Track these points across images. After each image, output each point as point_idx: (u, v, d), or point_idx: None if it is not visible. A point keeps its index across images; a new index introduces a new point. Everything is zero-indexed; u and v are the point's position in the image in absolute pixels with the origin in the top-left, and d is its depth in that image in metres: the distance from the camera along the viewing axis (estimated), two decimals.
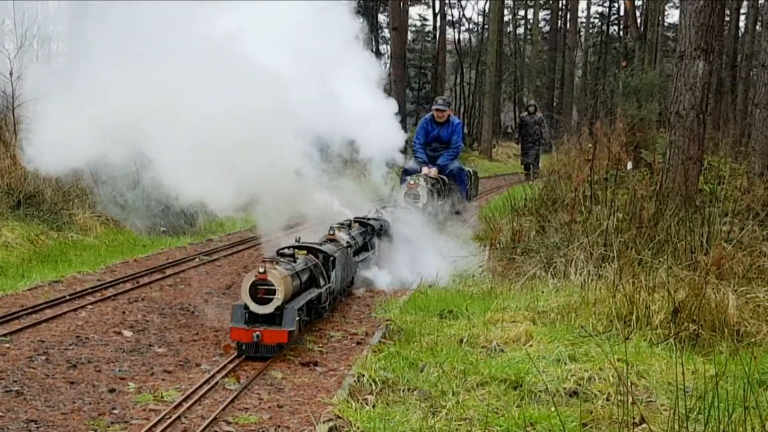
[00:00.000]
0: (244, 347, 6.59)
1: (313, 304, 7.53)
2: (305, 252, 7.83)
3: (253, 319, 6.67)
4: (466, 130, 44.50)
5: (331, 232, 8.79)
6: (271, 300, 6.63)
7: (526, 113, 27.10)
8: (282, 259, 7.19)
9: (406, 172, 15.34)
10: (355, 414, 5.27)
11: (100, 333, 7.33)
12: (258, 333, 6.52)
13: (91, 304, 8.33)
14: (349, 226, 9.65)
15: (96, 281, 9.33)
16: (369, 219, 10.51)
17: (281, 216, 8.79)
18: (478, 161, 32.01)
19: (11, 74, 14.18)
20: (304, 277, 7.43)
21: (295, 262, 7.31)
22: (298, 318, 6.75)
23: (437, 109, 15.79)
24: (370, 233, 10.30)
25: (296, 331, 6.76)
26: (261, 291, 6.62)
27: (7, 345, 6.75)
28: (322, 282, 7.76)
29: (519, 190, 13.28)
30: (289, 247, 7.66)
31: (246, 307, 6.68)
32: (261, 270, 6.64)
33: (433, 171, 15.00)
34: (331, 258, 8.01)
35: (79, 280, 9.39)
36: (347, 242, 8.91)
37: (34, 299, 8.30)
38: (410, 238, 11.09)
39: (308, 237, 8.76)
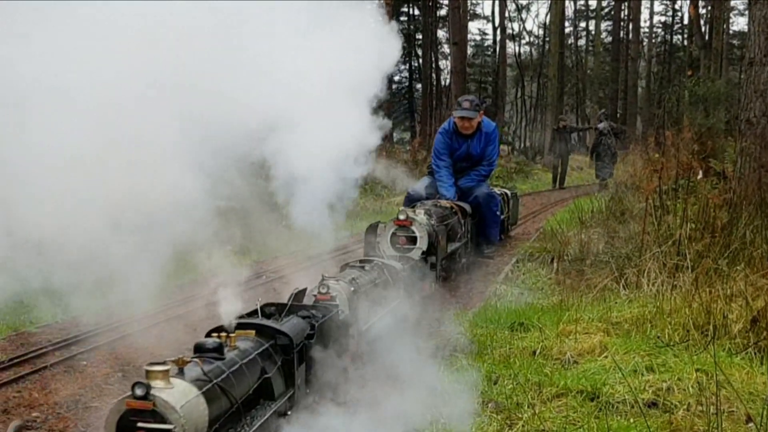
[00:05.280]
0: None
1: None
2: None
3: None
4: (527, 143, 44.45)
5: (147, 398, 3.38)
6: None
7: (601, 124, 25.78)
8: None
9: (410, 199, 10.65)
10: (430, 426, 5.22)
11: (173, 350, 7.38)
12: None
13: (162, 321, 8.43)
14: (218, 349, 4.14)
15: (165, 299, 9.43)
16: (289, 314, 5.05)
17: None
18: (542, 174, 31.78)
19: None
20: None
21: None
22: None
23: (462, 118, 10.81)
24: (280, 352, 4.70)
25: None
26: None
27: (85, 363, 6.87)
28: None
29: (585, 202, 13.12)
30: None
31: None
32: None
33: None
34: None
35: None
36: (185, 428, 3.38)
37: (108, 318, 8.42)
38: (388, 344, 5.95)
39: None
